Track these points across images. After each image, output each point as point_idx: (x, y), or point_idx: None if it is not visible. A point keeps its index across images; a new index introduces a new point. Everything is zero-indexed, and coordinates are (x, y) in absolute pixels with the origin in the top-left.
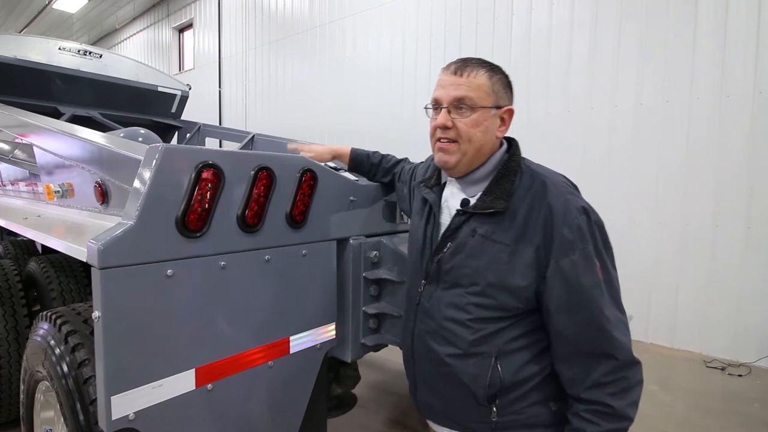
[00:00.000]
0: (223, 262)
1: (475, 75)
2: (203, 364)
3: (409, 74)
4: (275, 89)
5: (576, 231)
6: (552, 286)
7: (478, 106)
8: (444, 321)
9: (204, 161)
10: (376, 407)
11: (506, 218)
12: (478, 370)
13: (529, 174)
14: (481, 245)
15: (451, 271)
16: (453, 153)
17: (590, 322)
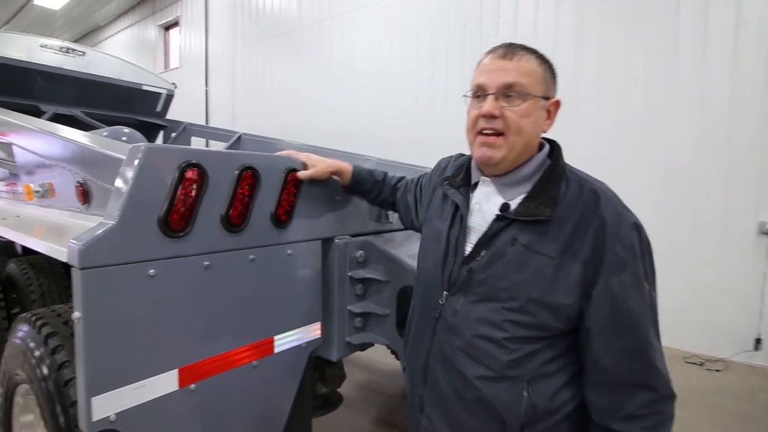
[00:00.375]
0: (207, 262)
1: (526, 60)
2: (186, 364)
3: (397, 74)
4: (263, 89)
5: (629, 249)
6: (597, 306)
7: (529, 94)
8: (474, 339)
9: (187, 161)
10: (363, 407)
11: (552, 228)
12: (512, 395)
13: (576, 181)
14: (522, 256)
15: (485, 283)
16: (499, 147)
17: (634, 350)
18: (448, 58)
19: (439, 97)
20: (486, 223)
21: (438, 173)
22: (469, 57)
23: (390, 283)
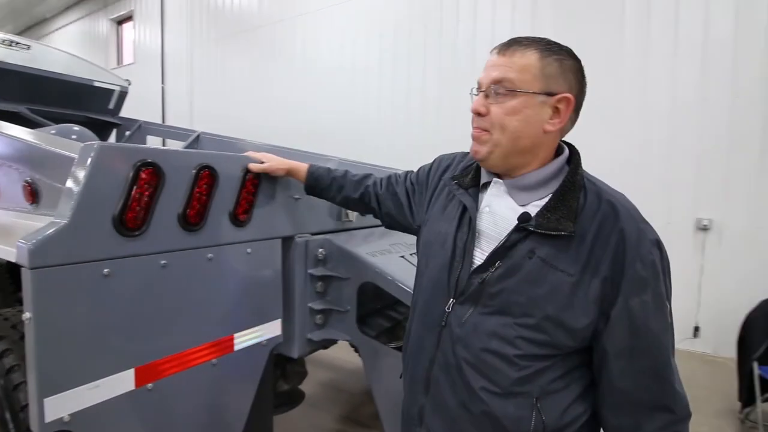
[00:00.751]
0: (164, 261)
1: (522, 54)
2: (143, 363)
3: (361, 75)
4: (224, 87)
5: (650, 267)
6: (616, 327)
7: (518, 90)
8: (483, 353)
9: (142, 160)
10: (327, 405)
11: (572, 243)
12: (520, 411)
13: (594, 192)
14: (540, 270)
15: (498, 296)
16: (484, 143)
17: (653, 371)
18: (410, 60)
19: (401, 97)
20: (498, 228)
21: (440, 171)
22: (430, 59)
23: (350, 280)
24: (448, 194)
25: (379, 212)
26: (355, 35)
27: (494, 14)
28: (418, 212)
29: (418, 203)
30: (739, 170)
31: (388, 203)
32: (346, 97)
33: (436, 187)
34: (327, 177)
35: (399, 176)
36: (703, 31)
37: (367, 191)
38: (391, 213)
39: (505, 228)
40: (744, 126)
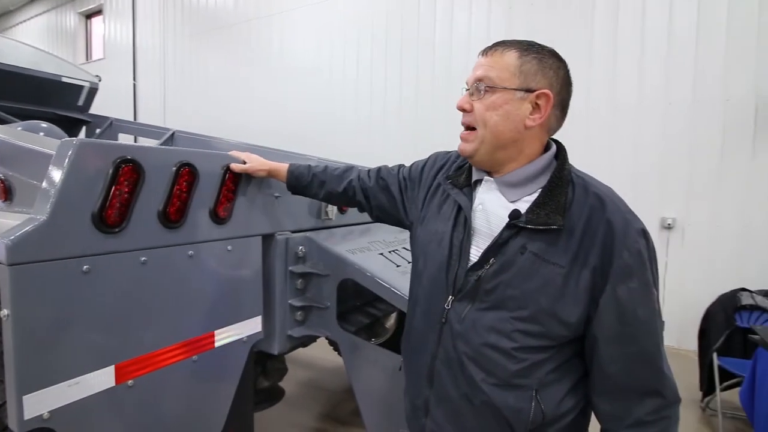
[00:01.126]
0: (144, 258)
1: (502, 54)
2: (123, 360)
3: (338, 74)
4: (198, 84)
5: (636, 256)
6: (605, 314)
7: (497, 86)
8: (483, 347)
9: (122, 156)
10: (306, 403)
11: (562, 236)
12: (520, 403)
13: (581, 186)
14: (532, 265)
15: (494, 291)
16: (470, 141)
17: (642, 357)
18: (387, 60)
19: (379, 97)
20: (490, 225)
21: (435, 170)
22: (407, 59)
23: (330, 277)
24: (443, 194)
25: (368, 206)
26: (332, 35)
27: (470, 17)
28: (411, 208)
29: (410, 199)
30: (700, 171)
31: (379, 197)
32: (323, 97)
33: (430, 185)
34: (307, 174)
35: (391, 170)
36: (667, 36)
37: (351, 185)
38: (383, 206)
39: (498, 225)
40: (705, 129)
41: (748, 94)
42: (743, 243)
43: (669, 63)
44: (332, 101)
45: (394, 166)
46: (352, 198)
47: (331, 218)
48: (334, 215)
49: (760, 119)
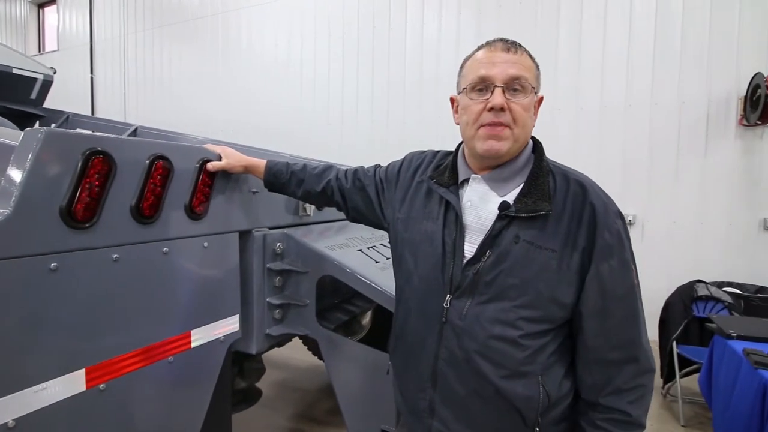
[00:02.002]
0: (116, 255)
1: (524, 55)
2: (94, 363)
3: (309, 70)
4: (161, 79)
5: (615, 235)
6: (588, 290)
7: (532, 87)
8: (489, 340)
9: (92, 148)
10: (281, 404)
11: (550, 222)
12: (529, 391)
13: (561, 174)
14: (527, 252)
15: (493, 283)
16: (506, 139)
17: (623, 329)
18: (359, 57)
19: (351, 96)
20: (481, 221)
21: (411, 171)
22: (378, 60)
23: (309, 274)
24: (428, 193)
25: (344, 206)
26: (303, 31)
27: (440, 18)
28: (387, 209)
29: (387, 200)
30: (658, 170)
31: (355, 198)
32: (293, 93)
33: (409, 186)
34: (286, 172)
35: (367, 171)
36: (627, 43)
37: (329, 185)
38: (359, 208)
39: (489, 219)
40: (662, 130)
41: (701, 97)
42: (698, 237)
43: (629, 68)
44: (303, 97)
45: (370, 167)
46: (330, 198)
47: (309, 214)
48: (312, 211)
49: (711, 121)
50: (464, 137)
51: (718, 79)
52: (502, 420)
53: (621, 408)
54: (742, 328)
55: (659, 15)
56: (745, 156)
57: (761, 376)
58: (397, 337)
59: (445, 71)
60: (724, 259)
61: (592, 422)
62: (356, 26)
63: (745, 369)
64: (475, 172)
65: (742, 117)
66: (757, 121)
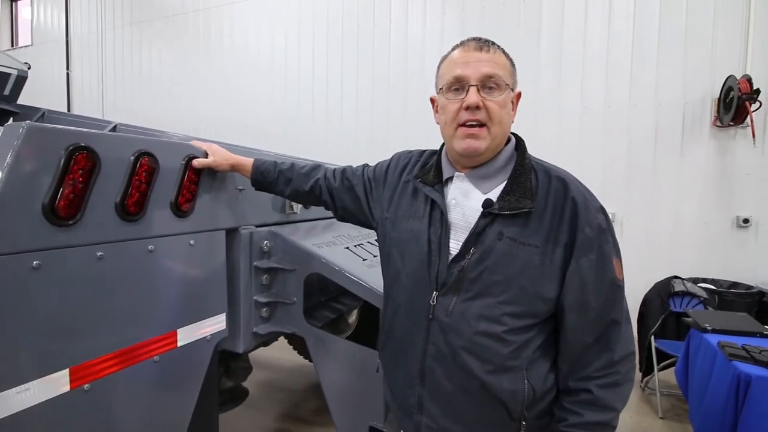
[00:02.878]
0: (101, 253)
1: (498, 52)
2: (79, 362)
3: (293, 70)
4: (141, 76)
5: (596, 230)
6: (569, 283)
7: (507, 84)
8: (475, 336)
9: (76, 143)
10: (266, 405)
11: (533, 219)
12: (514, 385)
13: (543, 171)
14: (511, 249)
15: (478, 280)
16: (483, 138)
17: (600, 321)
18: (344, 56)
19: (336, 94)
20: (466, 218)
21: (398, 170)
22: (363, 59)
23: (296, 272)
24: (414, 192)
25: (333, 205)
26: (287, 28)
27: (425, 16)
28: (375, 208)
29: (375, 199)
30: (637, 169)
31: (343, 197)
32: (278, 91)
33: (396, 185)
34: (273, 171)
35: (355, 170)
36: (607, 46)
37: (318, 184)
38: (347, 207)
39: (473, 217)
40: (641, 131)
41: (677, 99)
42: (674, 235)
43: (609, 70)
44: (287, 94)
45: (358, 166)
46: (318, 197)
47: (296, 212)
48: (299, 209)
49: (687, 122)
50: (444, 137)
51: (693, 82)
52: (489, 414)
53: (588, 388)
54: (717, 321)
55: (637, 19)
56: (719, 156)
57: (735, 368)
58: (386, 334)
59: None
60: (699, 256)
61: (562, 406)
62: (340, 24)
63: (720, 361)
64: (459, 170)
65: (716, 118)
66: (730, 122)
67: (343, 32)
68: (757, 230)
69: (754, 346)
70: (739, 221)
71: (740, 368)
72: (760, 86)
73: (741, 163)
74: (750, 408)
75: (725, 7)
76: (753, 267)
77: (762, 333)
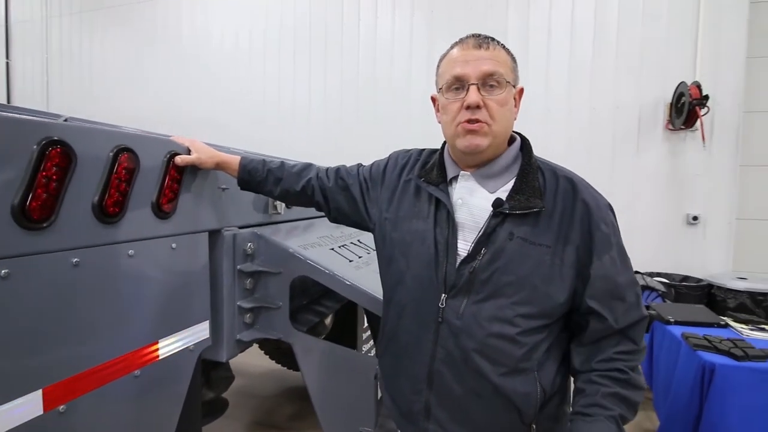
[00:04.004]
0: (76, 259)
1: (498, 49)
2: (53, 382)
3: (258, 66)
4: (90, 68)
5: (611, 226)
6: (597, 282)
7: (508, 82)
8: (488, 338)
9: (48, 137)
10: (239, 413)
11: (542, 219)
12: (526, 387)
13: (550, 171)
14: (522, 249)
15: (489, 281)
16: (485, 135)
17: (630, 311)
18: (311, 55)
19: (303, 92)
20: (474, 218)
21: (398, 170)
22: (331, 56)
23: (282, 275)
24: (417, 192)
25: (326, 206)
26: (252, 24)
27: (394, 16)
28: (373, 209)
29: (372, 200)
30: (596, 170)
31: (338, 198)
32: (241, 87)
33: (396, 185)
34: (262, 170)
35: (350, 170)
36: (569, 51)
37: (310, 183)
38: (342, 208)
39: (482, 217)
40: (600, 133)
41: (633, 102)
42: (631, 232)
43: (570, 75)
44: (251, 92)
45: (353, 166)
46: (311, 198)
47: (279, 212)
48: (283, 209)
49: (642, 124)
50: (446, 136)
51: (648, 87)
52: (500, 418)
53: (618, 367)
54: (679, 314)
55: (597, 28)
56: (671, 158)
57: (700, 357)
58: (389, 339)
59: (399, 70)
60: (653, 252)
61: (589, 380)
62: (308, 21)
63: (684, 351)
64: (464, 170)
65: (669, 122)
66: (681, 125)
67: (311, 28)
68: (705, 227)
69: (714, 336)
70: (689, 218)
71: (704, 357)
72: (708, 92)
73: (691, 164)
74: (714, 394)
75: (677, 19)
76: (702, 261)
77: (719, 323)
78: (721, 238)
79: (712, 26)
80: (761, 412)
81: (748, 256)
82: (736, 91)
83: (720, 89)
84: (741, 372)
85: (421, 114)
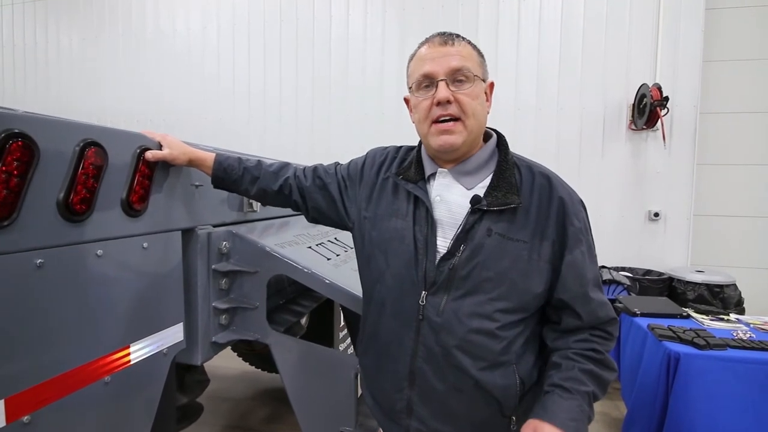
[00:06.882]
0: (40, 260)
1: (463, 45)
2: (15, 392)
3: (227, 62)
4: (45, 60)
5: (582, 222)
6: (567, 277)
7: (476, 76)
8: (469, 334)
9: (8, 129)
10: (211, 418)
11: (519, 214)
12: (506, 380)
13: (526, 167)
14: (500, 245)
15: (468, 278)
16: (459, 132)
17: (598, 307)
18: (282, 52)
19: (274, 88)
20: (452, 215)
21: (375, 167)
22: (302, 54)
23: (258, 274)
24: (395, 189)
25: (304, 206)
26: (221, 18)
27: (365, 14)
28: (351, 208)
29: (351, 198)
30: (564, 169)
31: (316, 197)
32: (209, 85)
33: (374, 183)
34: (238, 168)
35: (327, 169)
36: (537, 53)
37: (287, 183)
38: (320, 207)
39: (460, 213)
40: (567, 134)
41: (598, 105)
42: (597, 228)
43: (539, 76)
44: (220, 90)
45: (330, 164)
46: (288, 197)
47: (255, 210)
48: (259, 207)
49: (606, 126)
50: (420, 135)
51: (612, 88)
52: (481, 412)
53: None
54: (644, 306)
55: (563, 30)
56: (634, 157)
57: (665, 347)
58: (369, 338)
59: (372, 68)
60: (617, 247)
61: (566, 356)
62: (278, 18)
63: (650, 342)
64: (441, 166)
65: (631, 122)
66: (643, 126)
67: (281, 25)
68: (666, 223)
69: (678, 327)
70: (651, 215)
71: (669, 347)
72: (668, 94)
73: (652, 162)
74: (680, 382)
75: (638, 23)
76: (662, 256)
77: (681, 315)
78: (680, 233)
79: (670, 31)
80: (723, 398)
81: (705, 250)
82: (694, 93)
83: (679, 91)
84: (703, 360)
85: (395, 112)
